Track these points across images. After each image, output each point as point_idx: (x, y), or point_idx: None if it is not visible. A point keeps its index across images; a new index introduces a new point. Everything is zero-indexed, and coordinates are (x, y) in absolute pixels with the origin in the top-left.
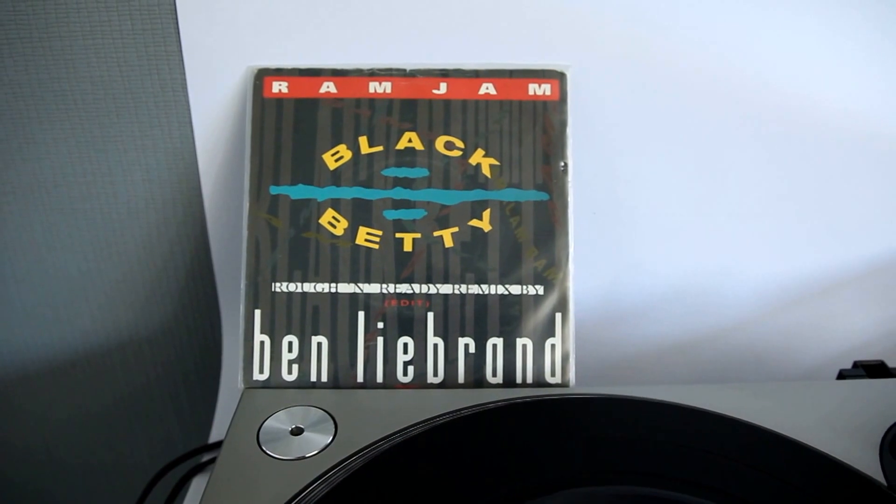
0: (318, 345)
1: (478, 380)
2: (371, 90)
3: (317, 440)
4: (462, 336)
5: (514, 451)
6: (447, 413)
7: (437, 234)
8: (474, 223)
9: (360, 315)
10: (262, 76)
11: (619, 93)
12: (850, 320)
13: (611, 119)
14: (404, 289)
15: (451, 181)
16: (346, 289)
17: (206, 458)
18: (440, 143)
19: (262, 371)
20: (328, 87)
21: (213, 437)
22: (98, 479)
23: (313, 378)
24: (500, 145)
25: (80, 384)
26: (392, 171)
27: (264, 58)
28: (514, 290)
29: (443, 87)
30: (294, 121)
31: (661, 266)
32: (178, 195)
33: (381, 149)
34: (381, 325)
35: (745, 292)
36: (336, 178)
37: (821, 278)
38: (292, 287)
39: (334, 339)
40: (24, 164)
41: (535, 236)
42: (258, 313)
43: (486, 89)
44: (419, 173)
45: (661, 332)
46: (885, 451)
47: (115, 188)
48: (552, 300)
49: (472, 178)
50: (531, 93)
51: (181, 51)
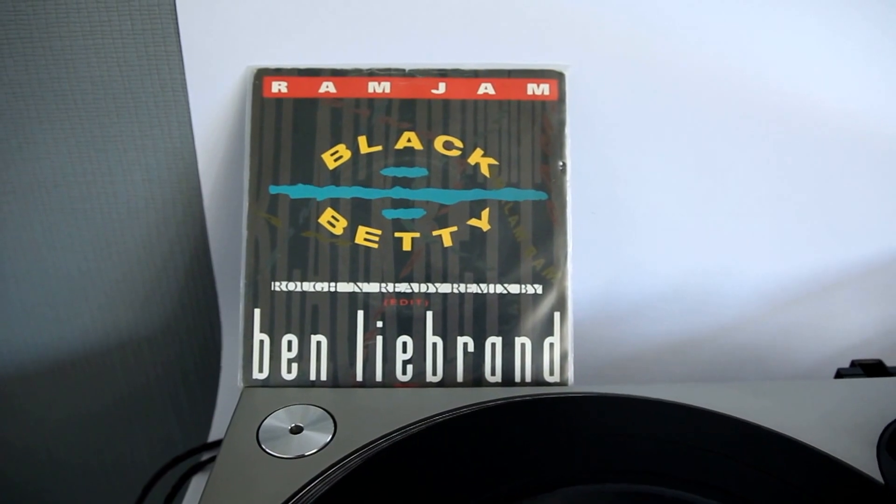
0: (318, 344)
1: (476, 379)
2: (370, 90)
3: (316, 438)
4: (461, 335)
5: (512, 450)
6: (446, 412)
7: (435, 233)
8: (473, 222)
9: (360, 314)
10: (262, 76)
11: (618, 93)
12: (848, 319)
13: (609, 119)
14: (403, 288)
15: (450, 181)
16: (345, 288)
17: (205, 456)
18: (439, 143)
19: (261, 370)
20: (327, 87)
21: (213, 435)
22: (98, 478)
23: (313, 377)
24: (499, 145)
25: (80, 383)
26: (391, 171)
27: (264, 58)
28: (513, 289)
29: (442, 87)
30: (293, 120)
31: (659, 265)
32: (177, 195)
33: (380, 148)
34: (380, 324)
35: (744, 291)
36: (335, 177)
37: (820, 278)
38: (292, 286)
39: (333, 338)
40: (24, 164)
41: (534, 236)
42: (258, 312)
43: (485, 89)
44: (418, 173)
45: (660, 331)
46: (882, 449)
47: (115, 188)
48: (551, 299)
49: (471, 178)
50: (530, 93)
51: (181, 51)
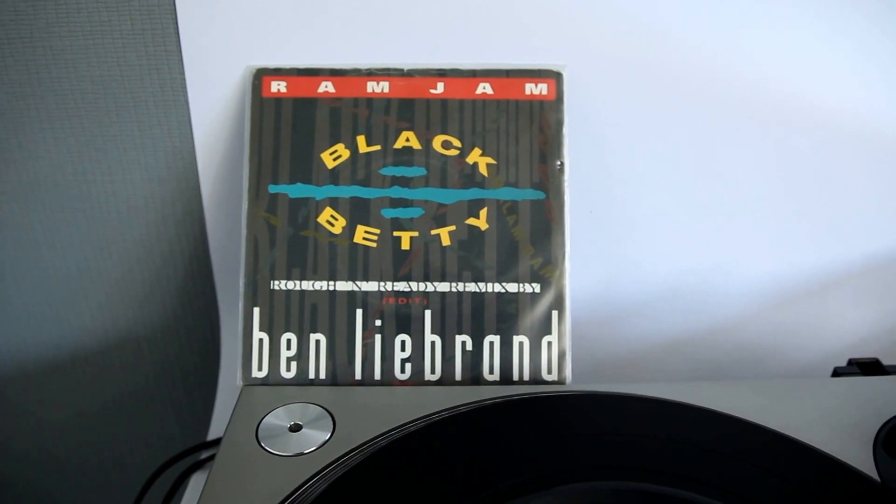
0: (317, 342)
1: (475, 377)
2: (369, 90)
3: (315, 436)
4: (459, 334)
5: (510, 448)
6: (444, 410)
7: (434, 232)
8: (471, 222)
9: (358, 313)
10: (261, 76)
11: (616, 92)
12: (845, 319)
13: (607, 118)
14: (402, 287)
15: (449, 180)
16: (344, 287)
17: (204, 454)
18: (437, 143)
19: (260, 368)
20: (326, 87)
21: (212, 434)
22: (97, 477)
23: (311, 375)
24: (497, 144)
25: (79, 382)
26: (390, 170)
27: (263, 58)
28: (511, 288)
29: (440, 87)
30: (292, 120)
31: (657, 264)
32: (177, 194)
33: (378, 148)
34: (378, 322)
35: (742, 291)
36: (334, 176)
37: (817, 277)
38: (291, 285)
39: (332, 337)
40: (24, 164)
41: (532, 235)
42: (257, 311)
43: (483, 89)
44: (417, 172)
45: (658, 329)
46: (878, 447)
47: (115, 187)
48: (549, 298)
49: (469, 177)
50: (528, 92)
51: (180, 51)
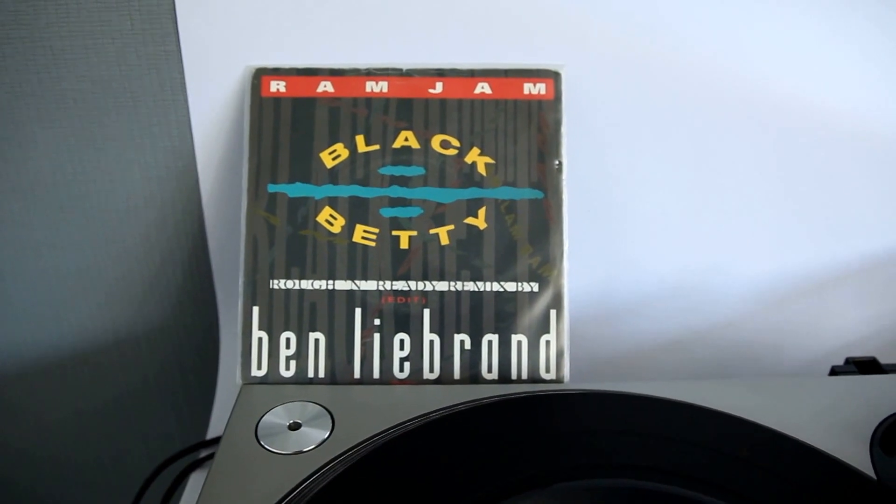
0: (316, 341)
1: (473, 376)
2: (368, 89)
3: (314, 435)
4: (458, 332)
5: (509, 446)
6: (443, 408)
7: (433, 231)
8: (470, 221)
9: (357, 312)
10: (260, 75)
11: (614, 91)
12: (843, 317)
13: (605, 118)
14: (401, 286)
15: (447, 179)
16: (343, 286)
17: (204, 453)
18: (436, 142)
19: (259, 367)
20: (325, 87)
21: (211, 433)
22: (96, 476)
23: (311, 374)
24: (496, 144)
25: (78, 382)
26: (388, 170)
27: (262, 57)
28: (510, 287)
29: (439, 87)
30: (292, 120)
31: (655, 263)
32: (176, 193)
33: (377, 147)
34: (377, 321)
35: (740, 289)
36: (333, 176)
37: (815, 276)
38: (290, 284)
39: (331, 336)
40: (23, 163)
41: (530, 234)
42: (256, 310)
43: (482, 89)
44: (415, 171)
45: (656, 328)
46: (874, 445)
47: (114, 186)
48: (547, 297)
49: (468, 177)
50: (526, 92)
51: (180, 50)
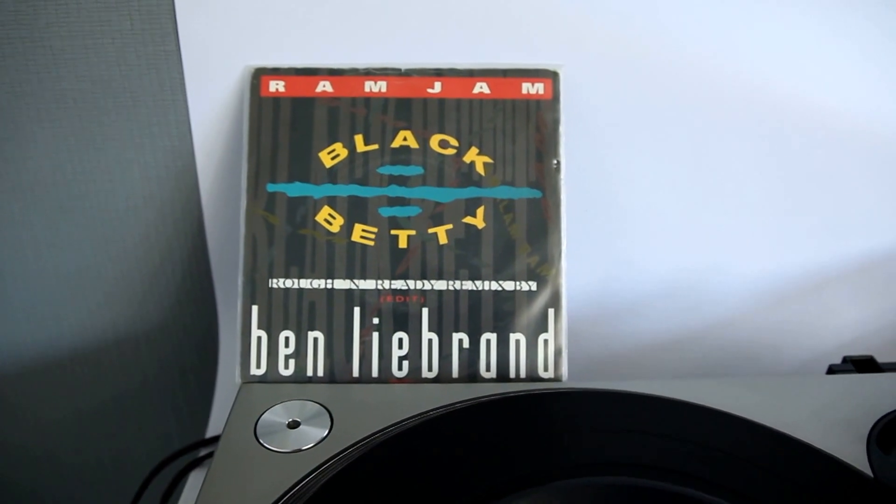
0: (315, 340)
1: (471, 374)
2: (367, 89)
3: (313, 433)
4: (456, 331)
5: (507, 445)
6: (441, 407)
7: (431, 231)
8: (468, 220)
9: (356, 311)
10: (260, 75)
11: (612, 91)
12: (841, 316)
13: (604, 117)
14: (399, 285)
15: (446, 179)
16: (341, 285)
17: (203, 452)
18: (435, 142)
19: (259, 366)
20: (324, 87)
21: (210, 432)
22: (95, 476)
23: (310, 373)
24: (494, 143)
25: (78, 381)
26: (387, 169)
27: (261, 57)
28: (508, 286)
29: (437, 87)
30: (291, 119)
31: (653, 262)
32: (175, 193)
33: (376, 147)
34: (376, 320)
35: (737, 289)
36: (332, 175)
37: (812, 275)
38: (289, 283)
39: (330, 335)
40: (23, 163)
41: (528, 233)
42: (255, 309)
43: (480, 88)
44: (414, 171)
45: (653, 327)
46: (872, 443)
47: (114, 186)
48: (545, 296)
49: (466, 176)
50: (524, 92)
51: (179, 50)
